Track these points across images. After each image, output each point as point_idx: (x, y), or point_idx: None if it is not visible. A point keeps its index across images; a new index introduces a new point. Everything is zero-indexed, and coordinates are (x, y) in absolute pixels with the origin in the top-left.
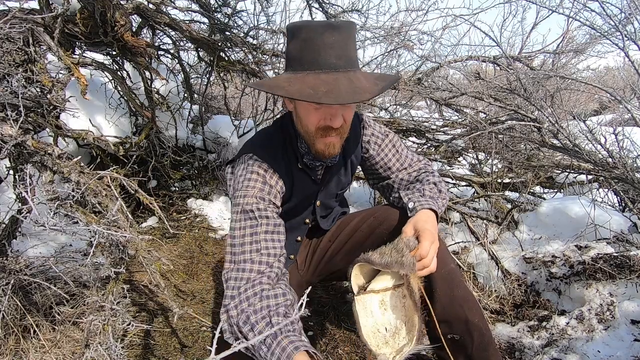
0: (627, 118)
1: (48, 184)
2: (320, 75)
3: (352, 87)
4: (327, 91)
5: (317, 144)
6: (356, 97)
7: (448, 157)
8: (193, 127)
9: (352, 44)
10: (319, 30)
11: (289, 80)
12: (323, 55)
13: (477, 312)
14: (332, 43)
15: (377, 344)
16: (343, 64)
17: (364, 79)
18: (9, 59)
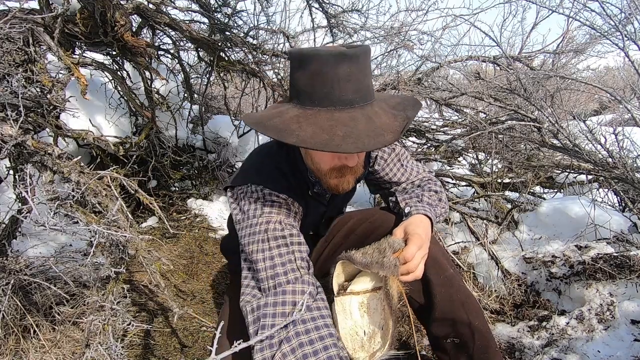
0: (627, 118)
1: (48, 184)
2: (335, 114)
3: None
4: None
5: (331, 182)
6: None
7: (448, 157)
8: (193, 127)
9: (368, 70)
10: (332, 62)
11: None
12: (337, 91)
13: (477, 315)
14: (348, 76)
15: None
16: (359, 98)
17: (383, 112)
18: (9, 59)
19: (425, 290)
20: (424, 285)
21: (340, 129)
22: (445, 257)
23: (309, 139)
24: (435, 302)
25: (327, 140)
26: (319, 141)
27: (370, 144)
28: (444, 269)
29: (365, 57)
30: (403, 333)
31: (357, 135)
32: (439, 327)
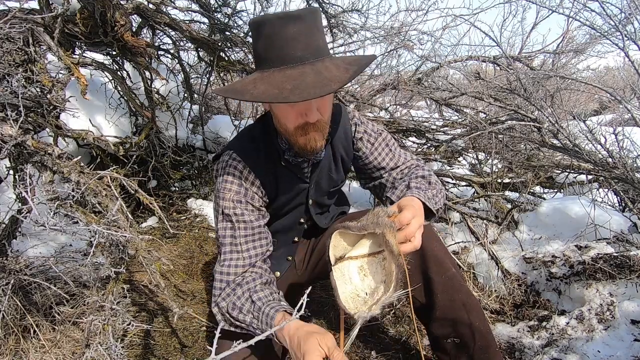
0: (627, 118)
1: (48, 184)
2: (287, 71)
3: (319, 79)
4: (293, 88)
5: (298, 140)
6: (324, 90)
7: (448, 157)
8: (193, 127)
9: (318, 31)
10: (280, 24)
11: (255, 82)
12: (287, 50)
13: (478, 315)
14: (295, 35)
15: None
16: (310, 55)
17: (334, 66)
18: (9, 59)
19: (426, 289)
20: (425, 284)
21: (290, 83)
22: (448, 257)
23: (260, 95)
24: (436, 302)
25: (276, 94)
26: (269, 95)
27: (315, 93)
28: (446, 269)
29: (311, 17)
30: (403, 333)
31: (304, 87)
32: (439, 327)
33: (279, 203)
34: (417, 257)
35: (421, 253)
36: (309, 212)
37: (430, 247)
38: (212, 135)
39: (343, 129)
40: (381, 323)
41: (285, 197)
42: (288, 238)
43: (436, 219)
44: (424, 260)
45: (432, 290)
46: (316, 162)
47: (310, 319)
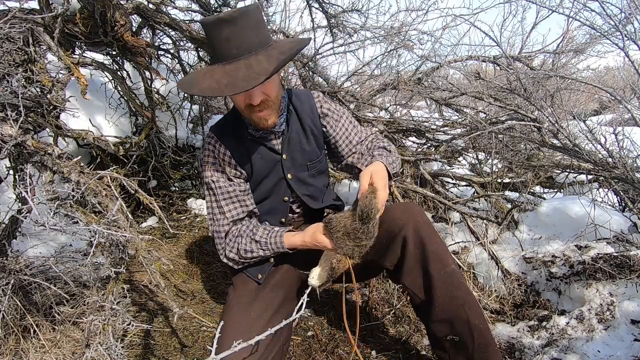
0: (627, 118)
1: (48, 184)
2: (225, 67)
3: (249, 73)
4: (227, 83)
5: (252, 118)
6: (251, 83)
7: (448, 157)
8: (193, 127)
9: (250, 30)
10: (215, 27)
11: (204, 76)
12: (224, 49)
13: (477, 313)
14: (228, 36)
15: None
16: (244, 51)
17: (266, 58)
18: (9, 59)
19: (425, 285)
20: (425, 280)
21: (225, 79)
22: (448, 253)
23: (204, 89)
24: (435, 299)
25: (215, 88)
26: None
27: (243, 86)
28: (445, 264)
29: (243, 17)
30: (403, 333)
31: (235, 81)
32: (438, 325)
33: (257, 176)
34: (417, 252)
35: (422, 249)
36: (292, 190)
37: (430, 243)
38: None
39: (309, 105)
40: (381, 323)
41: (260, 168)
42: (275, 218)
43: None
44: (424, 255)
45: (431, 286)
46: (282, 133)
47: (310, 318)
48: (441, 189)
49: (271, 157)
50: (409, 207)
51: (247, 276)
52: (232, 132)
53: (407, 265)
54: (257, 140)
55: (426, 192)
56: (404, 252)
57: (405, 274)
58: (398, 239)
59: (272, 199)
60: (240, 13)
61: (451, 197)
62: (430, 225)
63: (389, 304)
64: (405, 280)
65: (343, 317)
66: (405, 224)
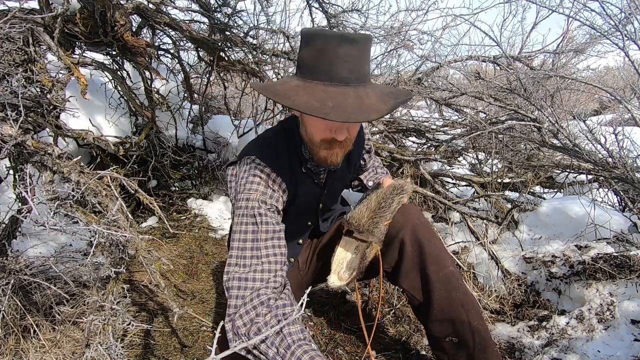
0: (627, 118)
1: (48, 184)
2: (329, 88)
3: (359, 104)
4: (334, 106)
5: (320, 152)
6: (363, 116)
7: (448, 157)
8: (193, 127)
9: (367, 58)
10: (335, 42)
11: (297, 89)
12: (335, 68)
13: (475, 314)
14: (347, 56)
15: (335, 269)
16: (354, 78)
17: (374, 95)
18: (9, 59)
19: (424, 287)
20: (423, 282)
21: (331, 101)
22: (446, 254)
23: (302, 104)
24: (433, 300)
25: (317, 107)
26: (310, 107)
27: (354, 117)
28: (443, 266)
29: (364, 43)
30: (403, 333)
31: (345, 108)
32: (437, 326)
33: (294, 208)
34: (415, 254)
35: (419, 251)
36: (317, 216)
37: (428, 245)
38: (212, 135)
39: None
40: (381, 323)
41: (301, 201)
42: (294, 240)
43: None
44: (422, 257)
45: (430, 288)
46: (332, 170)
47: (310, 318)
48: (441, 189)
49: (315, 190)
50: (406, 209)
51: None
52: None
53: (405, 268)
54: (308, 174)
55: (426, 192)
56: (401, 255)
57: (403, 276)
58: (395, 241)
59: (295, 224)
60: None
61: (451, 197)
62: (429, 227)
63: (389, 303)
64: (403, 282)
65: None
66: (402, 226)
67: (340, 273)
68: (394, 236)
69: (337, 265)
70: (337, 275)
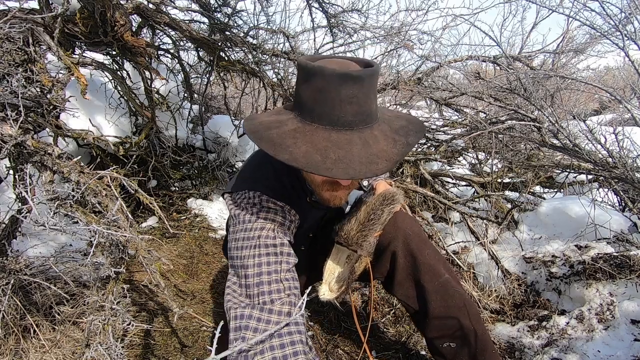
0: (627, 118)
1: (48, 184)
2: (332, 134)
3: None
4: (337, 159)
5: (324, 194)
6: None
7: (448, 157)
8: (193, 127)
9: (373, 95)
10: (335, 82)
11: (295, 136)
12: (337, 112)
13: (474, 318)
14: (350, 98)
15: (325, 279)
16: (360, 121)
17: (382, 137)
18: (9, 59)
19: (419, 296)
20: (418, 292)
21: (334, 152)
22: (441, 262)
23: (300, 158)
24: (430, 309)
25: (319, 162)
26: (310, 162)
27: (361, 172)
28: (438, 275)
29: (371, 80)
30: (403, 333)
31: (350, 160)
32: (435, 332)
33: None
34: (408, 265)
35: (412, 261)
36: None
37: (421, 255)
38: (212, 135)
39: None
40: (381, 323)
41: (307, 225)
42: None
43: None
44: (415, 268)
45: (425, 297)
46: None
47: (310, 318)
48: (441, 188)
49: (319, 213)
50: (398, 219)
51: None
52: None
53: (398, 278)
54: (315, 205)
55: (426, 192)
56: (393, 266)
57: (397, 286)
58: (387, 252)
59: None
60: (370, 74)
61: (451, 197)
62: (421, 236)
63: (389, 304)
64: (397, 292)
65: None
66: (394, 237)
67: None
68: (385, 247)
69: (329, 275)
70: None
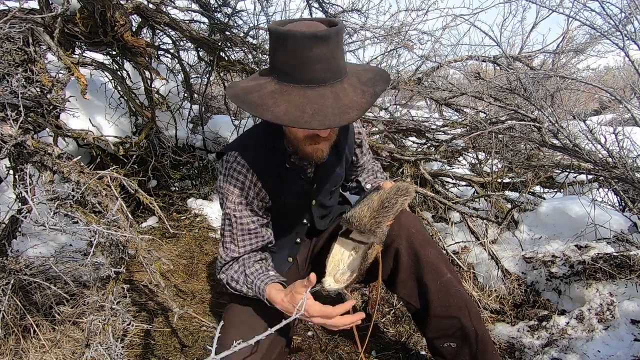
0: (627, 118)
1: (48, 184)
2: (307, 92)
3: (339, 104)
4: (314, 113)
5: (306, 148)
6: (344, 118)
7: (448, 157)
8: (193, 127)
9: (340, 52)
10: (305, 44)
11: (274, 95)
12: (309, 71)
13: (474, 319)
14: (319, 56)
15: (330, 271)
16: (330, 76)
17: (352, 89)
18: (9, 59)
19: (421, 295)
20: (420, 290)
21: (310, 107)
22: (443, 261)
23: (282, 116)
24: (431, 308)
25: (298, 117)
26: (290, 118)
27: (335, 122)
28: (440, 274)
29: (337, 38)
30: (403, 333)
31: (324, 112)
32: (435, 332)
33: (283, 203)
34: (411, 263)
35: (415, 259)
36: (312, 213)
37: (424, 254)
38: (212, 135)
39: (348, 133)
40: (381, 323)
41: (289, 198)
42: (291, 239)
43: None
44: (418, 266)
45: (427, 296)
46: (320, 164)
47: None
48: (441, 188)
49: (303, 186)
50: (402, 217)
51: None
52: (267, 158)
53: (401, 277)
54: (294, 169)
55: (426, 192)
56: (397, 264)
57: (400, 285)
58: (390, 250)
59: (290, 221)
60: (335, 32)
61: (451, 197)
62: (425, 235)
63: (389, 304)
64: (399, 291)
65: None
66: (397, 235)
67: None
68: (388, 245)
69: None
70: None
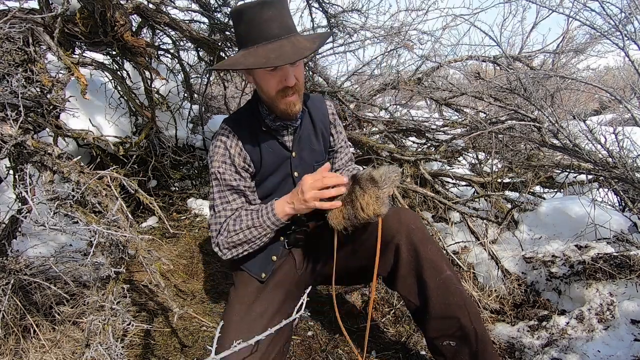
0: (627, 118)
1: (48, 184)
2: (268, 46)
3: (295, 48)
4: (276, 56)
5: (280, 105)
6: (301, 54)
7: (448, 157)
8: (193, 127)
9: (287, 13)
10: (257, 9)
11: (244, 56)
12: (266, 29)
13: (474, 317)
14: (271, 16)
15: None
16: (284, 32)
17: (304, 40)
18: (9, 59)
19: (420, 292)
20: (420, 287)
21: (273, 53)
22: (443, 258)
23: (251, 64)
24: (430, 305)
25: (264, 62)
26: (258, 63)
27: (295, 57)
28: (440, 271)
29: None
30: (403, 333)
31: (285, 53)
32: (434, 330)
33: (265, 170)
34: (411, 260)
35: (415, 256)
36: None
37: (424, 250)
38: (212, 135)
39: (321, 109)
40: (381, 323)
41: (270, 163)
42: None
43: None
44: (418, 263)
45: (426, 293)
46: (296, 129)
47: (310, 318)
48: (441, 188)
49: (281, 152)
50: (402, 214)
51: (248, 275)
52: (246, 123)
53: (401, 273)
54: (271, 133)
55: (426, 192)
56: (397, 260)
57: (400, 281)
58: (391, 246)
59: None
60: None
61: (451, 197)
62: (424, 232)
63: (389, 304)
64: (399, 287)
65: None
66: (397, 231)
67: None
68: (389, 241)
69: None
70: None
